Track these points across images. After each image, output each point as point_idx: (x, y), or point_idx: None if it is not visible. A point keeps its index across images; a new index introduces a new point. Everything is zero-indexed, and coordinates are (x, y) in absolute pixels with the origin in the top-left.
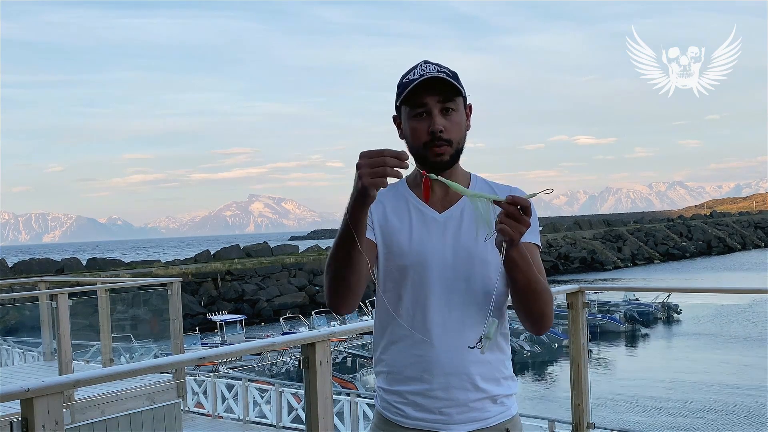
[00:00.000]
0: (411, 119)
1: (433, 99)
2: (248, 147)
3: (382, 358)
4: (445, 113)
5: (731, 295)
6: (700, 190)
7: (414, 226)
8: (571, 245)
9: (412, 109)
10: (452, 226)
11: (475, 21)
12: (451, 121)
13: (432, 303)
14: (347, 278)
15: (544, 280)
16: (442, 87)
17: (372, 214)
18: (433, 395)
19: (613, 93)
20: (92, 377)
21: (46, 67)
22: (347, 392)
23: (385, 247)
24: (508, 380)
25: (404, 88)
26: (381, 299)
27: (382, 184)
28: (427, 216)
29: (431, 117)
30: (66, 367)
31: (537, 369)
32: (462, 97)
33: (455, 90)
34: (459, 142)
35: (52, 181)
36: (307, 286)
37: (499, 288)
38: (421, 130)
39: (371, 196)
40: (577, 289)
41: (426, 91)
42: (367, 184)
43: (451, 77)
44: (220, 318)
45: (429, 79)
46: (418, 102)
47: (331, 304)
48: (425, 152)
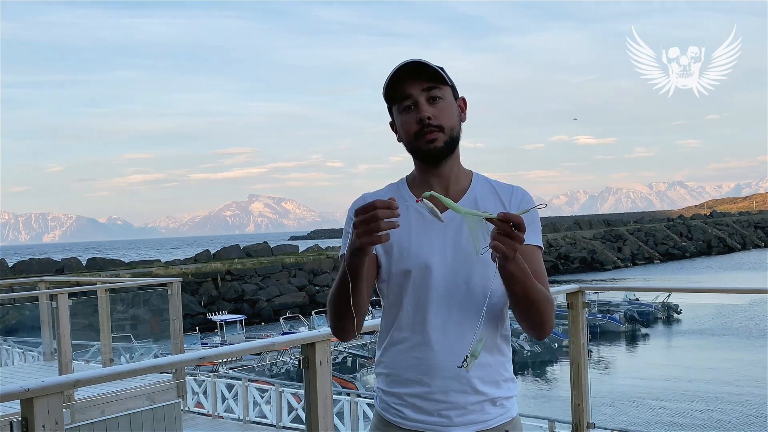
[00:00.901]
0: (400, 115)
1: (416, 88)
2: (248, 147)
3: (382, 359)
4: (432, 101)
5: (731, 295)
6: (700, 190)
7: (414, 228)
8: (571, 245)
9: (399, 105)
10: (453, 228)
11: (475, 21)
12: (439, 108)
13: (432, 306)
14: (349, 317)
15: (546, 284)
16: (422, 72)
17: None
18: (432, 398)
19: (613, 93)
20: (92, 377)
21: (46, 67)
22: (347, 392)
23: (386, 253)
24: (508, 382)
25: (386, 83)
26: (384, 301)
27: (378, 240)
28: (427, 217)
29: (417, 106)
30: (66, 367)
31: (537, 369)
32: (449, 87)
33: (437, 75)
34: (452, 129)
35: (52, 181)
36: (307, 286)
37: (496, 291)
38: (409, 121)
39: (368, 252)
40: (577, 289)
41: (407, 79)
42: (364, 244)
43: (432, 65)
44: (220, 318)
45: (407, 66)
46: (403, 94)
47: (336, 335)
48: (417, 142)
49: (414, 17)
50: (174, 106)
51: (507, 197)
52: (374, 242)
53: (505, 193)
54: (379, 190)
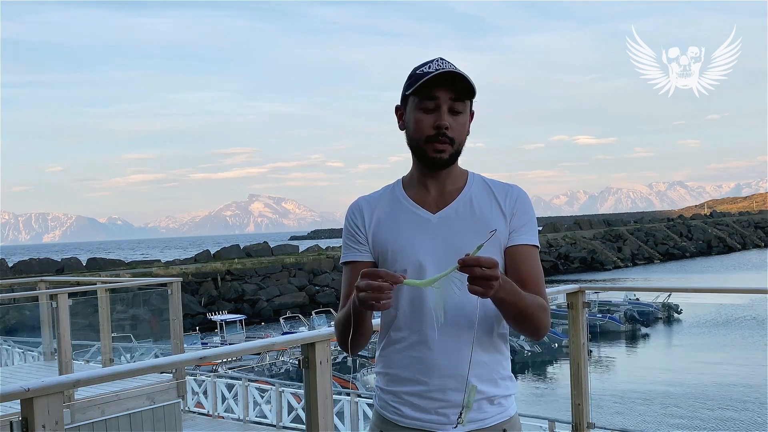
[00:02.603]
0: (417, 110)
1: (445, 95)
2: (248, 147)
3: (380, 359)
4: (453, 113)
5: (731, 295)
6: (700, 190)
7: (408, 229)
8: (571, 245)
9: (421, 101)
10: (445, 226)
11: (475, 21)
12: (457, 121)
13: (427, 305)
14: (355, 340)
15: (541, 286)
16: (457, 84)
17: (364, 226)
18: (430, 396)
19: (613, 93)
20: (92, 377)
21: (46, 67)
22: (347, 392)
23: (382, 253)
24: (506, 381)
25: (418, 79)
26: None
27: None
28: (421, 218)
29: (440, 112)
30: (66, 367)
31: (537, 369)
32: (470, 102)
33: (469, 90)
34: (460, 144)
35: (52, 181)
36: (307, 286)
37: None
38: (426, 123)
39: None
40: (577, 289)
41: (440, 85)
42: (368, 308)
43: (467, 78)
44: (220, 318)
45: (446, 73)
46: (430, 95)
47: (344, 350)
48: (425, 146)
49: (414, 17)
50: (174, 106)
51: (503, 197)
52: (377, 309)
53: (501, 193)
54: (374, 192)
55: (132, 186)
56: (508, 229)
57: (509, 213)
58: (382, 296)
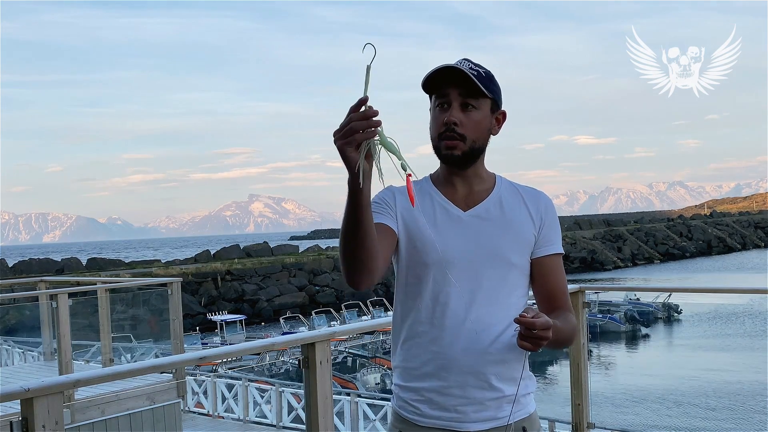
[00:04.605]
0: (433, 108)
1: (454, 91)
2: (248, 147)
3: (400, 352)
4: (465, 108)
5: (731, 295)
6: (700, 190)
7: (438, 223)
8: (571, 245)
9: (436, 99)
10: (476, 224)
11: (475, 21)
12: (470, 117)
13: (452, 301)
14: (355, 253)
15: (566, 297)
16: (461, 81)
17: (396, 203)
18: (449, 393)
19: (613, 93)
20: (92, 377)
21: (46, 67)
22: (347, 392)
23: (409, 242)
24: (525, 379)
25: (426, 77)
26: (401, 293)
27: (354, 142)
28: (452, 214)
29: (450, 109)
30: (66, 367)
31: (537, 369)
32: (490, 100)
33: (476, 88)
34: (475, 141)
35: (52, 181)
36: (307, 286)
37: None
38: (438, 120)
39: (352, 158)
40: (577, 289)
41: (447, 81)
42: (339, 146)
43: (477, 76)
44: (220, 318)
45: (448, 70)
46: (441, 92)
47: (346, 280)
48: (439, 143)
49: (414, 17)
50: (174, 106)
51: (532, 203)
52: (351, 144)
53: (530, 198)
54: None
55: (132, 186)
56: (536, 237)
57: (538, 221)
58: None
